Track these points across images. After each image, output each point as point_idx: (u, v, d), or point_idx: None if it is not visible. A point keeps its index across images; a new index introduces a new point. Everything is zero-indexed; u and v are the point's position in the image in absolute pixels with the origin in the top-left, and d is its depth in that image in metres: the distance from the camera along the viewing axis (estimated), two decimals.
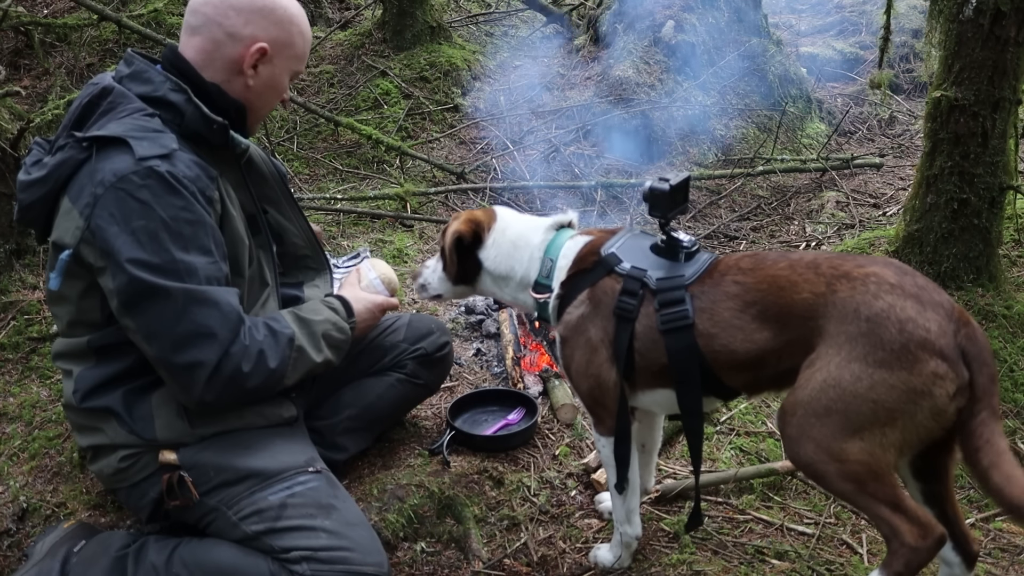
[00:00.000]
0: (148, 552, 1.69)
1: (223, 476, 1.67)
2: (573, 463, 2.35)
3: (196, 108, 1.64)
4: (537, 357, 2.90)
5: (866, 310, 1.49)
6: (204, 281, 1.58)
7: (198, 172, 1.61)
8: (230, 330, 1.59)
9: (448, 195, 4.35)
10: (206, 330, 1.57)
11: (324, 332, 1.78)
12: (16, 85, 4.14)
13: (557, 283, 1.87)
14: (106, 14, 4.09)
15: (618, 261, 1.78)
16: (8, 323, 2.84)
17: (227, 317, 1.59)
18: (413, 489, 2.14)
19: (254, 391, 1.66)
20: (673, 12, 5.23)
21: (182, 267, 1.55)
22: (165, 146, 1.58)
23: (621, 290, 1.74)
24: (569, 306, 1.83)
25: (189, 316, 1.56)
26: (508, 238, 1.97)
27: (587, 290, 1.80)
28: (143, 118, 1.61)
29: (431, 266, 2.10)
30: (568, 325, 1.83)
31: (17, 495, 2.12)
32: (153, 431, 1.66)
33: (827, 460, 1.50)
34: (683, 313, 1.66)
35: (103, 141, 1.56)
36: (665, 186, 1.74)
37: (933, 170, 2.95)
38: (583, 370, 1.82)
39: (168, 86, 1.65)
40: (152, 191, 1.54)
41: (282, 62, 1.78)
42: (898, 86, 6.27)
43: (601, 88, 5.06)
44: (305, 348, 1.72)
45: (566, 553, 2.02)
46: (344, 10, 6.42)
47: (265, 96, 1.81)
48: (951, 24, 2.80)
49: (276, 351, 1.66)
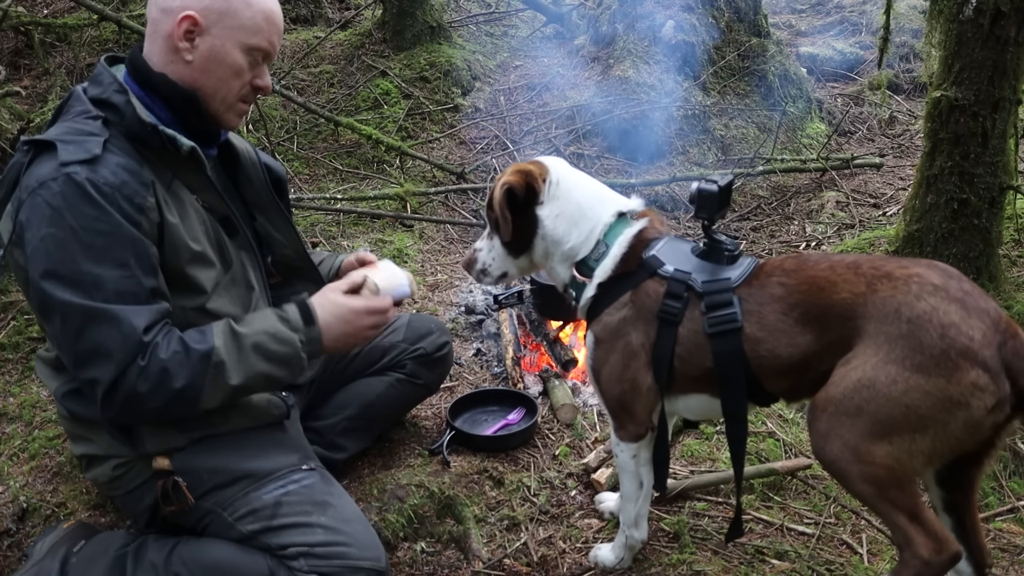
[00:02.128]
0: (147, 551, 1.70)
1: (217, 478, 1.67)
2: (573, 463, 2.35)
3: (133, 108, 1.57)
4: (537, 357, 2.90)
5: (907, 311, 1.44)
6: (112, 296, 1.48)
7: (125, 178, 1.52)
8: (127, 351, 1.48)
9: (448, 195, 4.35)
10: (102, 349, 1.48)
11: (256, 344, 1.58)
12: (16, 85, 4.14)
13: (602, 275, 1.77)
14: (106, 14, 4.09)
15: (660, 264, 1.71)
16: (8, 323, 2.84)
17: (126, 336, 1.48)
18: (413, 489, 2.14)
19: (158, 411, 1.54)
20: (673, 12, 5.23)
21: (87, 280, 1.47)
22: (89, 151, 1.51)
23: (665, 293, 1.68)
24: (608, 307, 1.76)
25: (87, 333, 1.48)
26: (574, 199, 1.81)
27: (629, 293, 1.73)
28: (84, 120, 1.57)
29: (484, 246, 1.91)
30: (607, 328, 1.76)
31: (17, 495, 2.12)
32: (143, 443, 1.66)
33: (852, 460, 1.47)
34: (732, 316, 1.60)
35: (39, 145, 1.53)
36: (714, 187, 1.68)
37: (933, 170, 2.95)
38: (617, 375, 1.75)
39: (114, 87, 1.60)
40: (65, 198, 1.47)
41: (223, 32, 1.61)
42: (898, 86, 6.27)
43: (601, 88, 5.06)
44: (226, 364, 1.54)
45: (566, 553, 2.02)
46: (344, 10, 6.42)
47: (213, 73, 1.64)
48: (951, 24, 2.80)
49: (184, 370, 1.51)
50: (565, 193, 1.81)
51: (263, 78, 1.72)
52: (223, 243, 1.73)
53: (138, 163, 1.56)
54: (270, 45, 1.68)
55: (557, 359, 2.81)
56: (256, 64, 1.69)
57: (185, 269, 1.62)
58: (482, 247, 1.91)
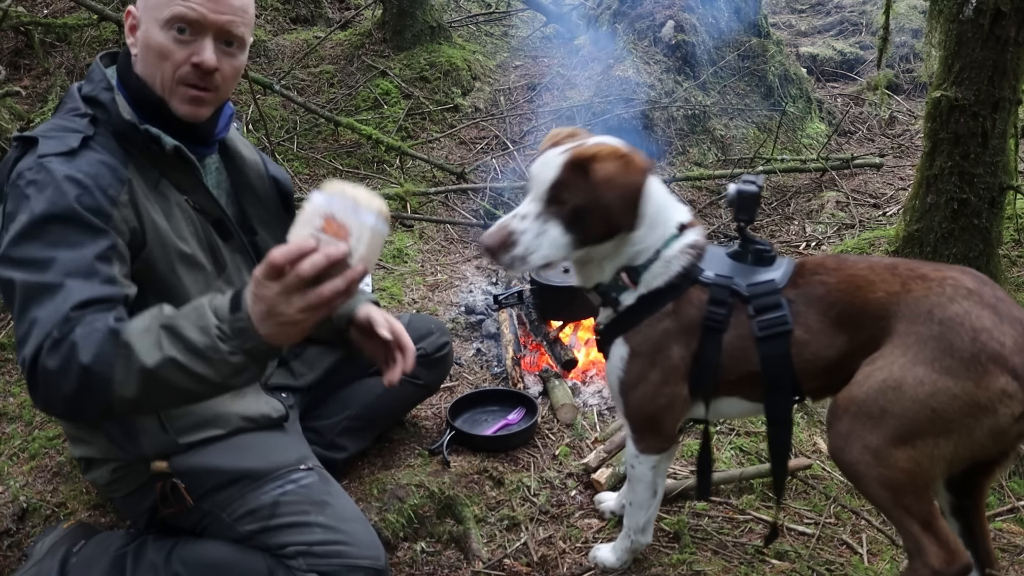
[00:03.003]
0: (147, 550, 1.70)
1: (215, 480, 1.66)
2: (573, 463, 2.35)
3: (118, 107, 1.55)
4: (537, 357, 2.90)
5: (940, 312, 1.42)
6: (60, 275, 1.38)
7: (100, 171, 1.50)
8: (50, 323, 1.33)
9: (448, 195, 4.35)
10: (33, 324, 1.35)
11: (171, 325, 1.30)
12: (16, 85, 4.14)
13: (648, 285, 1.66)
14: (106, 14, 4.09)
15: (700, 271, 1.65)
16: (8, 323, 2.84)
17: (58, 307, 1.34)
18: (413, 489, 2.14)
19: (73, 397, 1.32)
20: (673, 12, 5.23)
21: (39, 261, 1.39)
22: (68, 144, 1.49)
23: (709, 300, 1.61)
24: (648, 319, 1.66)
25: (27, 310, 1.37)
26: (656, 199, 1.64)
27: (672, 304, 1.65)
28: (71, 118, 1.56)
29: (529, 228, 1.57)
30: (647, 340, 1.66)
31: (17, 495, 2.12)
32: (140, 447, 1.65)
33: (872, 463, 1.44)
34: (782, 319, 1.56)
35: (25, 141, 1.53)
36: (754, 188, 1.63)
37: (933, 170, 2.95)
38: (653, 391, 1.67)
39: (103, 85, 1.59)
40: (37, 186, 1.45)
41: (145, 16, 1.55)
42: (898, 86, 6.27)
43: (601, 88, 5.06)
44: (133, 345, 1.29)
45: (566, 553, 2.02)
46: (344, 10, 6.42)
47: (148, 62, 1.57)
48: (951, 24, 2.80)
49: (92, 345, 1.30)
50: (655, 193, 1.64)
51: (200, 54, 1.54)
52: (215, 245, 1.71)
53: (121, 161, 1.54)
54: (189, 10, 1.51)
55: (557, 359, 2.81)
56: (185, 40, 1.54)
57: (175, 269, 1.61)
58: (526, 229, 1.57)
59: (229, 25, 1.57)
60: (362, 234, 1.21)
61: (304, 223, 1.20)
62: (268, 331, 1.24)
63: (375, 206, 1.22)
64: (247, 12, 1.61)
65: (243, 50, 1.65)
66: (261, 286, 1.20)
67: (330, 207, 1.19)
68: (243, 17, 1.60)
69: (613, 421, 2.55)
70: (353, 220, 1.20)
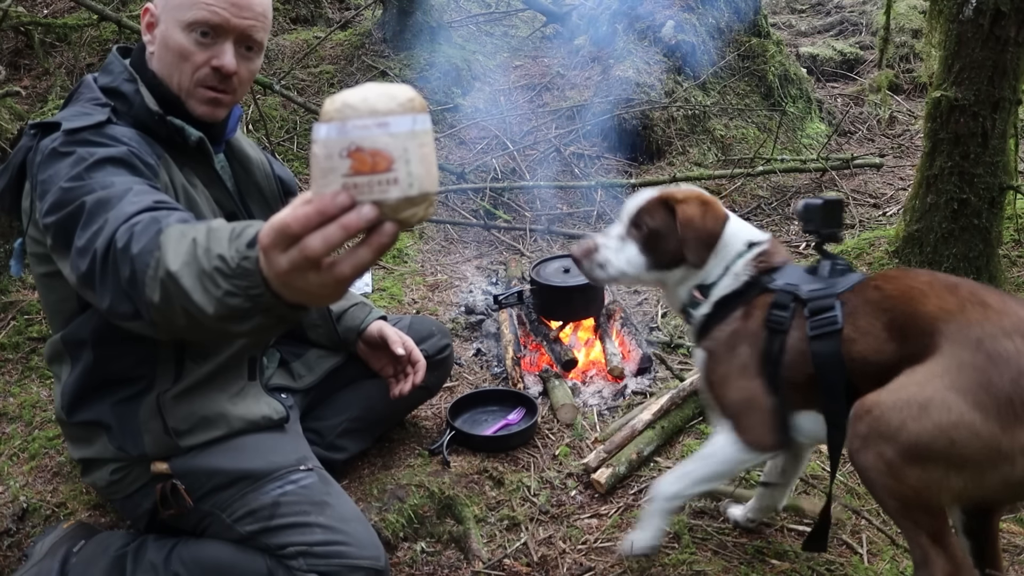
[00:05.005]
0: (147, 551, 1.70)
1: (215, 481, 1.66)
2: (573, 463, 2.35)
3: (142, 97, 1.56)
4: (537, 357, 2.90)
5: (990, 344, 1.37)
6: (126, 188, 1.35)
7: (138, 139, 1.51)
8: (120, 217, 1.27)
9: (448, 195, 4.34)
10: (104, 222, 1.28)
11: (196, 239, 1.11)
12: (16, 85, 4.14)
13: (718, 293, 1.78)
14: (106, 14, 4.09)
15: (772, 280, 1.73)
16: (8, 323, 2.84)
17: (126, 208, 1.29)
18: (413, 489, 2.14)
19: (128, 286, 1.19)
20: (673, 12, 5.23)
21: (99, 184, 1.36)
22: (95, 119, 1.49)
23: (772, 303, 1.69)
24: (719, 323, 1.76)
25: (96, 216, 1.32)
26: (727, 242, 1.80)
27: (741, 308, 1.74)
28: (92, 107, 1.56)
29: (613, 245, 1.85)
30: (717, 341, 1.75)
31: (17, 495, 2.12)
32: (143, 447, 1.65)
33: (883, 472, 1.42)
34: (832, 319, 1.59)
35: (45, 127, 1.52)
36: (818, 200, 1.73)
37: (933, 170, 2.95)
38: (731, 386, 1.73)
39: (124, 76, 1.60)
40: (76, 143, 1.44)
41: (166, 16, 1.56)
42: (898, 86, 6.27)
43: (601, 88, 5.06)
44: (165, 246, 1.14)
45: (566, 553, 2.02)
46: (344, 10, 6.42)
47: (166, 62, 1.59)
48: (951, 24, 2.81)
49: (144, 237, 1.20)
50: (727, 236, 1.80)
51: (221, 57, 1.56)
52: None
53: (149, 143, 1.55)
54: (212, 14, 1.53)
55: (557, 359, 2.81)
56: (205, 43, 1.56)
57: None
58: (611, 245, 1.85)
59: (250, 30, 1.59)
60: (407, 149, 0.83)
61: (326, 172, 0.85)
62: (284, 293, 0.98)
63: (401, 101, 0.85)
64: (267, 17, 1.64)
65: (260, 54, 1.67)
66: (269, 253, 0.94)
67: (348, 136, 0.83)
68: (263, 23, 1.62)
69: (613, 421, 2.55)
70: (387, 138, 0.83)
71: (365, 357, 2.13)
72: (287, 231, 0.89)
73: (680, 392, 2.50)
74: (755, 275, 1.75)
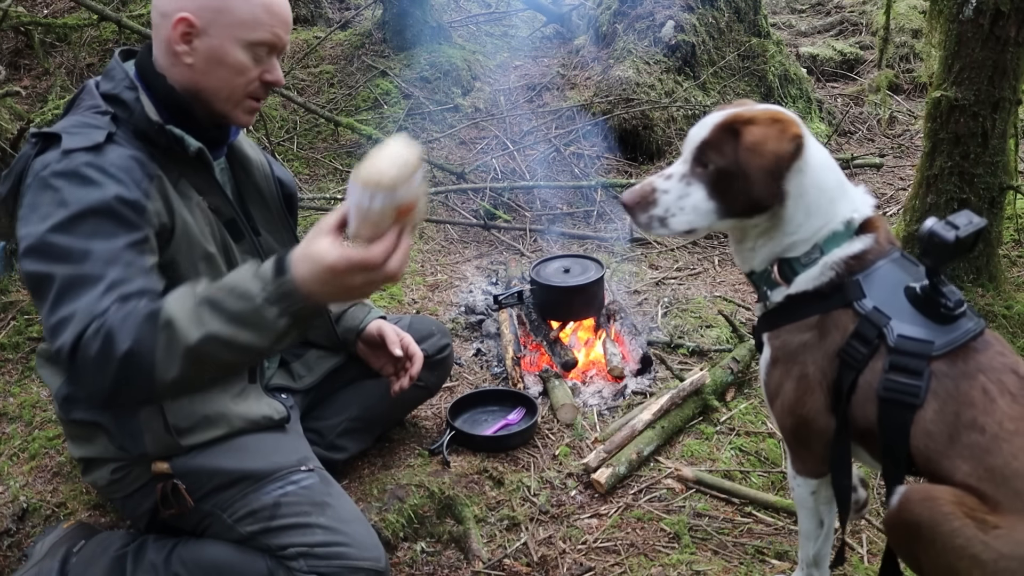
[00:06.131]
0: (147, 551, 1.70)
1: (216, 480, 1.66)
2: (573, 463, 2.35)
3: (142, 106, 1.56)
4: (537, 357, 2.91)
5: None
6: (98, 266, 1.38)
7: (131, 165, 1.50)
8: (92, 311, 1.32)
9: (448, 195, 4.35)
10: (71, 313, 1.33)
11: (210, 298, 1.30)
12: (16, 85, 4.15)
13: (799, 286, 1.48)
14: (106, 14, 4.09)
15: (860, 296, 1.42)
16: (8, 323, 2.84)
17: (97, 296, 1.34)
18: (413, 489, 2.14)
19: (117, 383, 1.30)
20: (673, 12, 5.23)
21: (75, 254, 1.39)
22: (94, 139, 1.50)
23: (854, 332, 1.40)
24: (790, 324, 1.49)
25: (63, 300, 1.36)
26: (820, 183, 1.45)
27: (818, 316, 1.46)
28: (92, 115, 1.56)
29: (673, 188, 1.48)
30: (785, 348, 1.50)
31: (17, 495, 2.12)
32: (143, 446, 1.65)
33: None
34: (913, 389, 1.34)
35: (46, 137, 1.53)
36: (950, 236, 1.33)
37: (933, 170, 2.95)
38: (790, 405, 1.50)
39: (125, 83, 1.59)
40: (66, 179, 1.45)
41: (221, 31, 1.56)
42: (898, 86, 6.27)
43: (601, 88, 5.06)
44: (175, 322, 1.28)
45: (566, 553, 2.02)
46: (344, 10, 6.42)
47: (214, 74, 1.59)
48: (951, 24, 2.81)
49: (130, 329, 1.28)
50: (812, 171, 1.44)
51: (273, 72, 1.64)
52: (229, 247, 1.73)
53: (148, 157, 1.55)
54: (275, 37, 1.61)
55: (557, 359, 2.81)
56: (262, 59, 1.62)
57: (197, 267, 1.62)
58: (670, 188, 1.47)
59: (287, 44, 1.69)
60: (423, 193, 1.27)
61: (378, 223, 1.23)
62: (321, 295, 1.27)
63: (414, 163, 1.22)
64: None
65: None
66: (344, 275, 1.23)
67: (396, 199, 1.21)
68: None
69: (613, 421, 2.55)
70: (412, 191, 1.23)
71: (365, 356, 2.14)
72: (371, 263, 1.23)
73: (680, 392, 2.50)
74: (842, 277, 1.44)
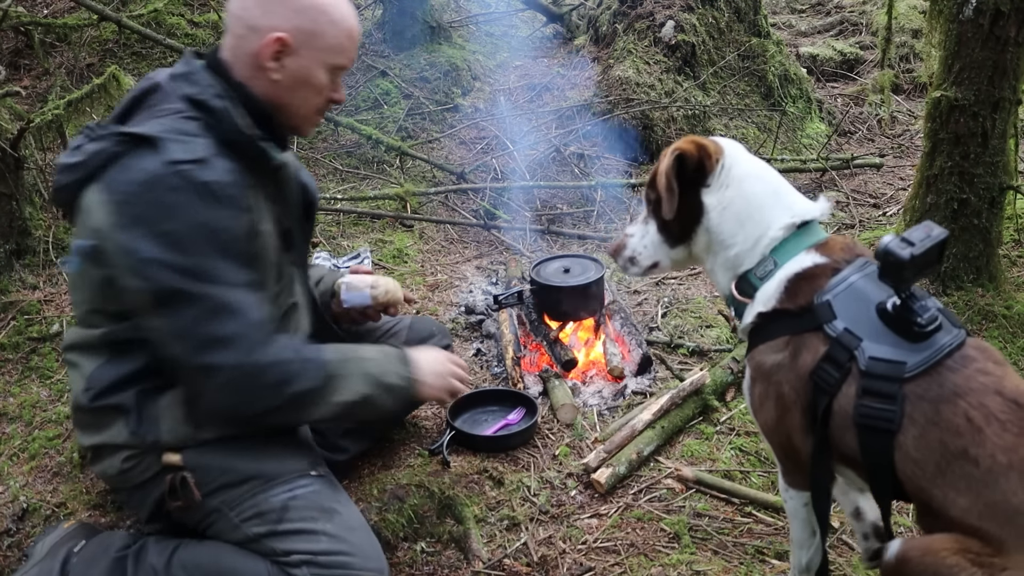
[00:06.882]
0: (148, 554, 1.69)
1: (226, 477, 1.67)
2: (573, 463, 2.35)
3: (233, 117, 1.61)
4: (537, 357, 2.91)
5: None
6: (239, 288, 1.55)
7: (235, 179, 1.57)
8: (251, 341, 1.55)
9: (448, 195, 4.35)
10: (227, 336, 1.53)
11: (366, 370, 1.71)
12: (16, 85, 4.14)
13: (763, 304, 1.50)
14: (106, 14, 4.09)
15: (831, 317, 1.40)
16: (8, 323, 2.84)
17: (251, 325, 1.56)
18: (413, 489, 2.14)
19: (267, 413, 1.61)
20: (673, 12, 5.23)
21: (210, 272, 1.52)
22: (197, 152, 1.54)
23: (825, 355, 1.39)
24: (764, 344, 1.50)
25: (214, 322, 1.52)
26: (745, 191, 1.52)
27: (788, 337, 1.46)
28: (181, 120, 1.58)
29: (636, 231, 1.67)
30: (760, 368, 1.52)
31: (17, 495, 2.13)
32: (158, 433, 1.65)
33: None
34: (887, 414, 1.31)
35: (138, 138, 1.53)
36: (905, 253, 1.29)
37: (933, 170, 2.95)
38: (772, 424, 1.52)
39: (213, 91, 1.62)
40: (185, 194, 1.51)
41: (310, 53, 1.66)
42: (898, 86, 6.27)
43: (601, 88, 5.06)
44: (341, 384, 1.66)
45: (566, 553, 2.02)
46: None
47: (298, 92, 1.70)
48: (951, 24, 2.81)
49: (302, 375, 1.61)
50: (736, 182, 1.52)
51: (339, 91, 1.78)
52: (282, 257, 1.77)
53: (239, 167, 1.61)
54: (350, 62, 1.75)
55: (557, 359, 2.81)
56: (335, 79, 1.75)
57: (267, 276, 1.68)
58: (634, 232, 1.67)
59: None
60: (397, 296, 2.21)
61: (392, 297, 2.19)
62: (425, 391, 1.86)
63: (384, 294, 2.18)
64: None
65: None
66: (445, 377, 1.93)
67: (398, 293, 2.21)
68: None
69: (613, 421, 2.55)
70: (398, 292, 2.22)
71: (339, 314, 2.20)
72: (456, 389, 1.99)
73: (680, 392, 2.50)
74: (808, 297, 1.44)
